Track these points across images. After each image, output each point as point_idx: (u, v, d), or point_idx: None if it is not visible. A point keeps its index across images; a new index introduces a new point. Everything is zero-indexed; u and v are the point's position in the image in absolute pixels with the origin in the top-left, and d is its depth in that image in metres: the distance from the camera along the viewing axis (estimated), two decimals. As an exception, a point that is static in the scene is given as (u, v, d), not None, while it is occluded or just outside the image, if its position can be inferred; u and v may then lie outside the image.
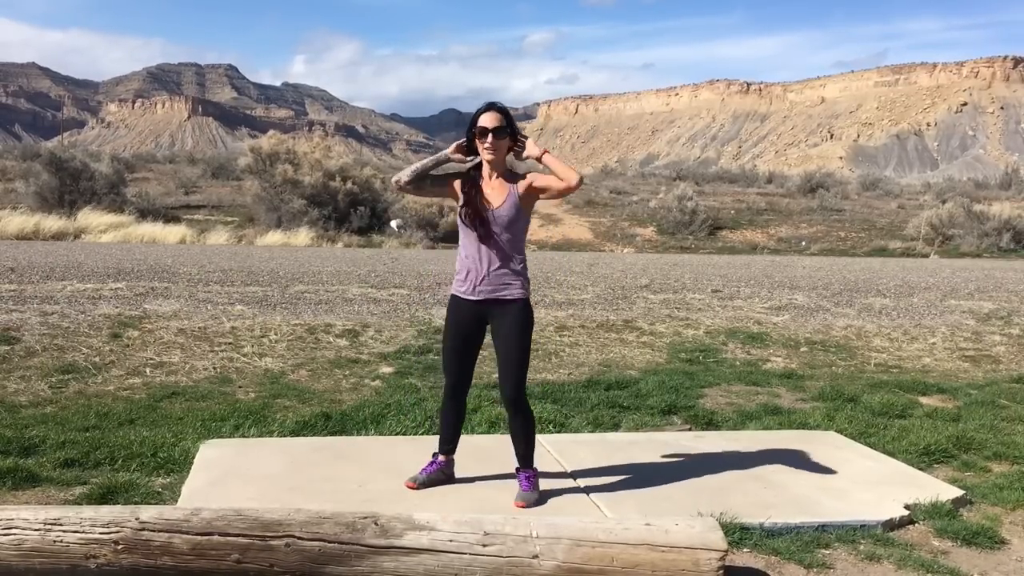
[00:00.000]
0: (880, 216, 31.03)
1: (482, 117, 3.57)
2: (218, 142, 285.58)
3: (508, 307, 3.60)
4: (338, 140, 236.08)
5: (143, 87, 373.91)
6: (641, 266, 17.47)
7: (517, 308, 3.61)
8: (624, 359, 7.15)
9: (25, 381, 5.57)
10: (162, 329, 7.40)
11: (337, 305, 9.32)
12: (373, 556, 2.78)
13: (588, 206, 30.98)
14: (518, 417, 3.66)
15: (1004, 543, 3.52)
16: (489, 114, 3.56)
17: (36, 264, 12.61)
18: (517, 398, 3.62)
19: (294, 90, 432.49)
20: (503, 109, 3.61)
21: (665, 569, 2.83)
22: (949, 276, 16.84)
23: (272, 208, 23.85)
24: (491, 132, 3.53)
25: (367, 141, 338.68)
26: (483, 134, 3.54)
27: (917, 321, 9.80)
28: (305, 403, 5.34)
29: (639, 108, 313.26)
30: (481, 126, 3.55)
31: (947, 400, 6.08)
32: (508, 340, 3.60)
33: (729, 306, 10.56)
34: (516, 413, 3.65)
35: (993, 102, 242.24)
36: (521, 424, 3.67)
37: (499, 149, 3.56)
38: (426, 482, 3.79)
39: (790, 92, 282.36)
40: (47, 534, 2.70)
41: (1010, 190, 40.28)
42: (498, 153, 3.57)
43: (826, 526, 3.53)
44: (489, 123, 3.54)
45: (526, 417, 3.68)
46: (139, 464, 4.02)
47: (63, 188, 23.84)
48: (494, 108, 3.59)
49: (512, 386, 3.61)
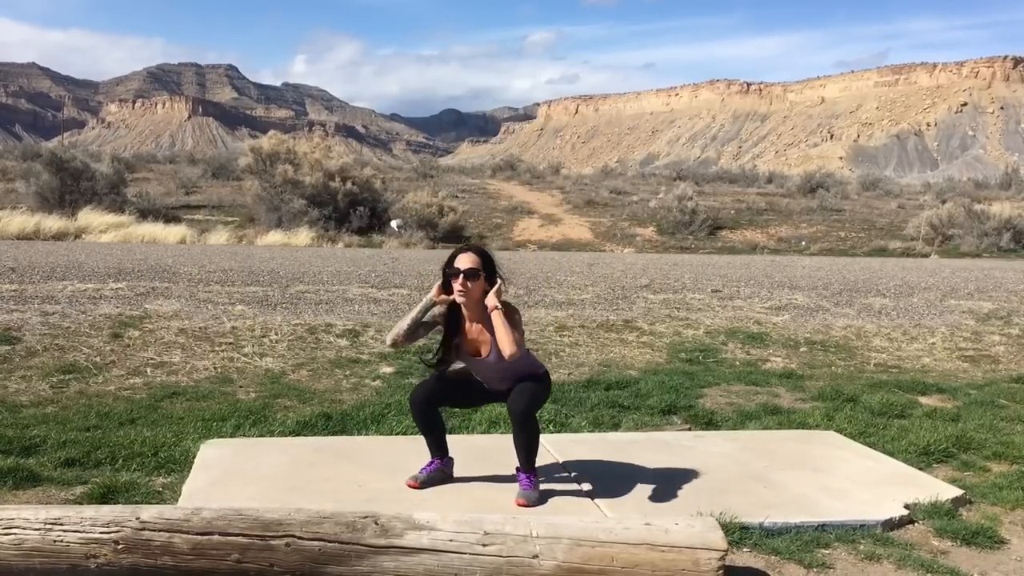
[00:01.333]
0: (880, 216, 31.01)
1: (457, 258, 3.53)
2: (218, 142, 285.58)
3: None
4: (338, 140, 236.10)
5: (143, 87, 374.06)
6: (641, 266, 17.47)
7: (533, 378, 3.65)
8: (624, 359, 7.16)
9: (26, 381, 5.58)
10: (163, 329, 7.40)
11: (337, 305, 9.32)
12: (373, 556, 2.78)
13: (588, 206, 30.97)
14: (524, 432, 3.62)
15: (1004, 543, 3.53)
16: (464, 255, 3.53)
17: (37, 264, 12.61)
18: (527, 414, 3.59)
19: (294, 90, 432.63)
20: (480, 251, 3.58)
21: (665, 569, 2.84)
22: (949, 276, 16.84)
23: (272, 208, 23.85)
24: (462, 273, 3.49)
25: (367, 141, 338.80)
26: (455, 275, 3.51)
27: (917, 321, 9.80)
28: (305, 403, 5.34)
29: (639, 108, 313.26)
30: (455, 267, 3.52)
31: (947, 400, 6.08)
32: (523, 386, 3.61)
33: (729, 306, 10.57)
34: (523, 428, 3.61)
35: (993, 102, 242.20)
36: (525, 439, 3.64)
37: (471, 291, 3.51)
38: (427, 481, 3.79)
39: (790, 92, 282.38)
40: (47, 534, 2.71)
41: (1010, 190, 40.26)
42: (470, 294, 3.51)
43: (826, 526, 3.54)
44: (462, 264, 3.50)
45: (532, 432, 3.65)
46: (139, 464, 4.02)
47: (63, 188, 23.83)
48: (470, 249, 3.56)
49: (525, 403, 3.57)
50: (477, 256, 3.53)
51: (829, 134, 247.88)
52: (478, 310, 3.56)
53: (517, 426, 3.61)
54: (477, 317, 3.58)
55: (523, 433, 3.62)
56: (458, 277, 3.49)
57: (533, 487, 3.66)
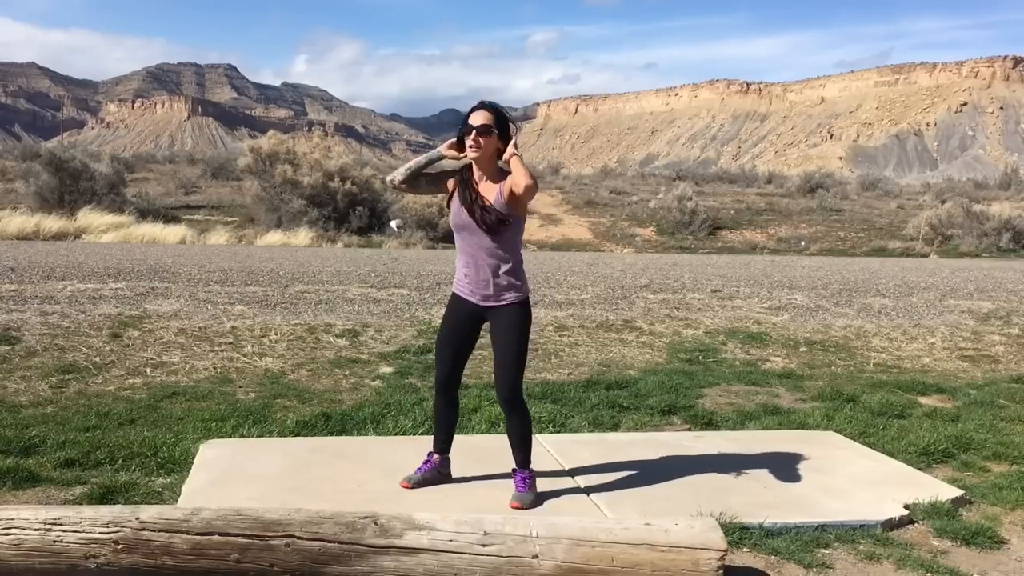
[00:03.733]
0: (879, 216, 31.03)
1: (472, 115, 3.55)
2: (218, 142, 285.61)
3: (505, 309, 3.60)
4: (338, 140, 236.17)
5: (143, 87, 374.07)
6: (641, 266, 17.47)
7: (514, 310, 3.61)
8: (624, 359, 7.16)
9: (25, 381, 5.58)
10: (162, 329, 7.40)
11: (337, 305, 9.32)
12: (373, 556, 2.78)
13: (588, 206, 30.98)
14: (513, 417, 3.65)
15: (1004, 543, 3.52)
16: (478, 112, 3.54)
17: (36, 264, 12.61)
18: (512, 398, 3.61)
19: (294, 90, 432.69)
20: (494, 108, 3.58)
21: (665, 569, 2.84)
22: (948, 276, 16.84)
23: (272, 208, 23.85)
24: (475, 129, 3.50)
25: (367, 141, 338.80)
26: (468, 131, 3.52)
27: (916, 321, 9.81)
28: (305, 403, 5.34)
29: (639, 108, 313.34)
30: (468, 123, 3.53)
31: (946, 400, 6.08)
32: (504, 342, 3.60)
33: (728, 306, 10.57)
34: (511, 412, 3.65)
35: (993, 102, 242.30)
36: (517, 424, 3.66)
37: (483, 147, 3.51)
38: (420, 481, 3.79)
39: (790, 92, 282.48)
40: (47, 534, 2.71)
41: (1009, 190, 40.29)
42: (483, 151, 3.52)
43: (826, 526, 3.53)
44: (475, 121, 3.51)
45: (522, 417, 3.67)
46: (139, 464, 4.02)
47: (63, 188, 23.82)
48: (484, 107, 3.56)
49: (507, 387, 3.60)
50: (491, 113, 3.54)
51: (829, 134, 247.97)
52: (490, 168, 3.57)
53: (506, 414, 3.67)
54: (488, 175, 3.58)
55: (513, 418, 3.64)
56: (471, 133, 3.50)
57: (529, 489, 3.66)
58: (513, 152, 3.49)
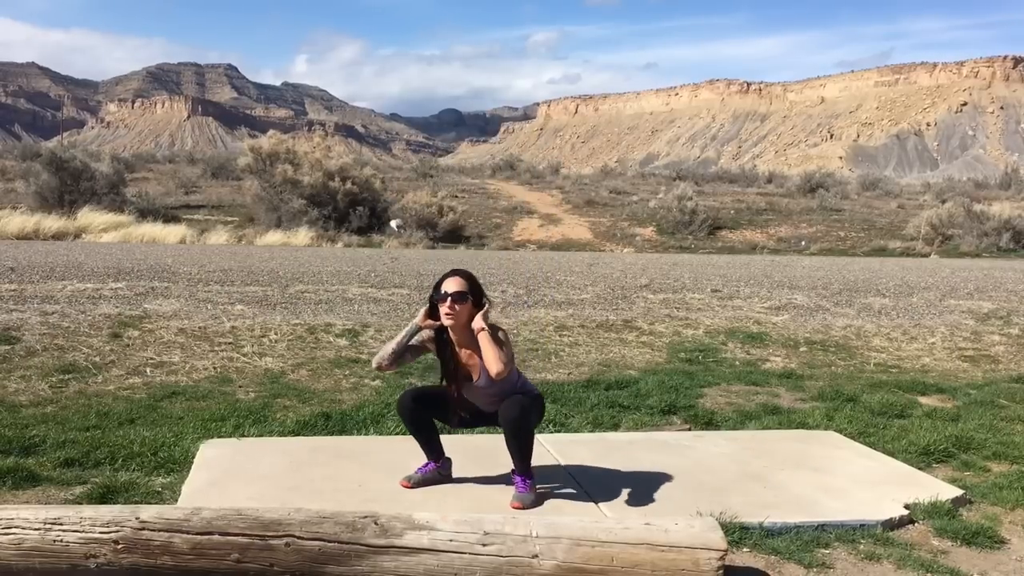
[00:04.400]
0: (880, 216, 31.02)
1: (444, 282, 3.56)
2: (218, 142, 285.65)
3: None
4: (338, 140, 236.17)
5: (143, 87, 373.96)
6: (641, 266, 17.47)
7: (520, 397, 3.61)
8: (624, 359, 7.15)
9: (25, 381, 5.58)
10: (162, 329, 7.40)
11: (337, 305, 9.32)
12: (373, 556, 2.78)
13: (588, 206, 30.97)
14: (516, 440, 3.58)
15: (1004, 543, 3.52)
16: (451, 279, 3.55)
17: (36, 264, 12.61)
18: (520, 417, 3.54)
19: (294, 90, 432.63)
20: (467, 274, 3.60)
21: (665, 569, 2.84)
22: (948, 276, 16.84)
23: (272, 208, 23.85)
24: (450, 296, 3.51)
25: (367, 141, 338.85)
26: (443, 298, 3.53)
27: (916, 321, 9.80)
28: (305, 403, 5.34)
29: (639, 108, 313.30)
30: (442, 291, 3.54)
31: (946, 400, 6.08)
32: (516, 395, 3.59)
33: (729, 306, 10.57)
34: (516, 435, 3.57)
35: (993, 102, 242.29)
36: (518, 447, 3.60)
37: (458, 314, 3.53)
38: (421, 481, 3.79)
39: (790, 92, 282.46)
40: (47, 533, 2.70)
41: (1010, 190, 40.27)
42: (458, 318, 3.53)
43: (826, 526, 3.53)
44: (449, 288, 3.53)
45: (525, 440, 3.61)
46: (139, 464, 4.02)
47: (63, 188, 23.83)
48: (457, 274, 3.58)
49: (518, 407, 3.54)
50: (464, 280, 3.56)
51: (829, 134, 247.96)
52: (466, 334, 3.58)
53: (509, 434, 3.58)
54: (466, 342, 3.60)
55: (515, 440, 3.59)
56: (446, 300, 3.52)
57: (529, 489, 3.64)
58: (481, 327, 3.49)
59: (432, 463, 3.85)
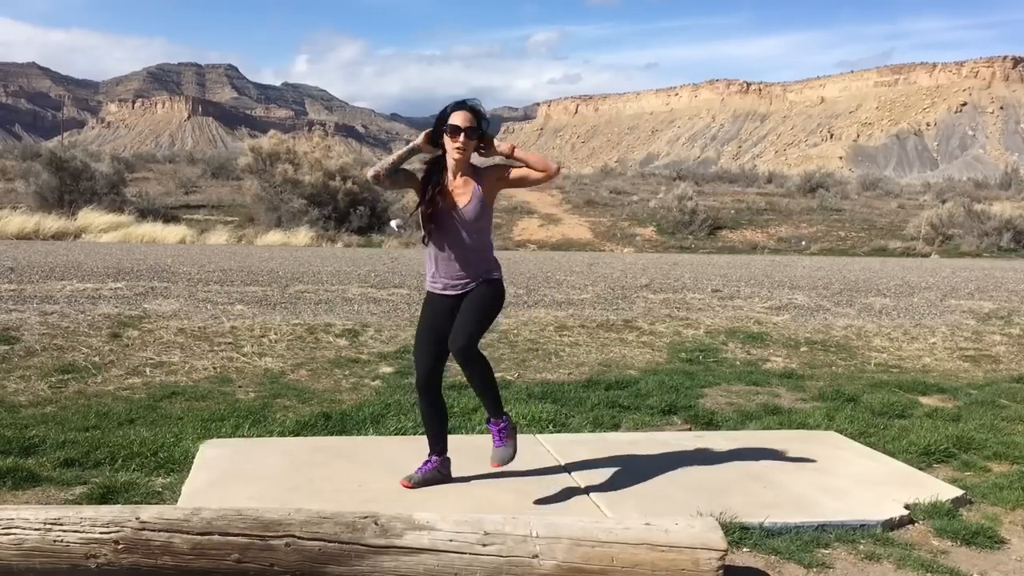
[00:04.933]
0: (880, 216, 31.01)
1: (454, 115, 3.52)
2: (218, 142, 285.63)
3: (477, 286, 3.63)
4: (338, 140, 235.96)
5: (143, 87, 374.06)
6: (641, 266, 17.47)
7: (484, 284, 3.63)
8: (624, 359, 7.15)
9: (25, 381, 5.57)
10: (162, 329, 7.40)
11: (337, 305, 9.32)
12: (373, 556, 2.78)
13: (588, 206, 30.96)
14: (471, 367, 3.54)
15: (1004, 543, 3.52)
16: (461, 113, 3.52)
17: (36, 264, 12.61)
18: (468, 346, 3.50)
19: (294, 90, 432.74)
20: (475, 108, 3.57)
21: (665, 568, 2.83)
22: (949, 276, 16.83)
23: (272, 208, 23.84)
24: (463, 131, 3.49)
25: (367, 141, 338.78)
26: (455, 132, 3.50)
27: (917, 321, 9.80)
28: (305, 403, 5.34)
29: (639, 108, 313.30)
30: (453, 124, 3.50)
31: (947, 400, 6.08)
32: (468, 309, 3.58)
33: (729, 306, 10.57)
34: (468, 364, 3.53)
35: (993, 102, 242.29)
36: (477, 373, 3.56)
37: (468, 149, 3.54)
38: (421, 481, 3.79)
39: (790, 92, 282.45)
40: (47, 534, 2.70)
41: (1010, 190, 40.24)
42: (467, 152, 3.54)
43: (826, 526, 3.53)
44: (462, 122, 3.50)
45: (480, 366, 3.57)
46: (139, 464, 4.02)
47: (63, 188, 23.83)
48: (467, 107, 3.54)
49: (464, 337, 3.50)
50: (473, 116, 3.54)
51: (829, 134, 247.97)
52: (464, 165, 3.60)
53: (462, 367, 3.57)
54: (463, 171, 3.61)
55: (470, 370, 3.55)
56: (458, 135, 3.50)
57: (505, 442, 3.61)
58: (513, 145, 3.61)
59: (434, 459, 3.83)
